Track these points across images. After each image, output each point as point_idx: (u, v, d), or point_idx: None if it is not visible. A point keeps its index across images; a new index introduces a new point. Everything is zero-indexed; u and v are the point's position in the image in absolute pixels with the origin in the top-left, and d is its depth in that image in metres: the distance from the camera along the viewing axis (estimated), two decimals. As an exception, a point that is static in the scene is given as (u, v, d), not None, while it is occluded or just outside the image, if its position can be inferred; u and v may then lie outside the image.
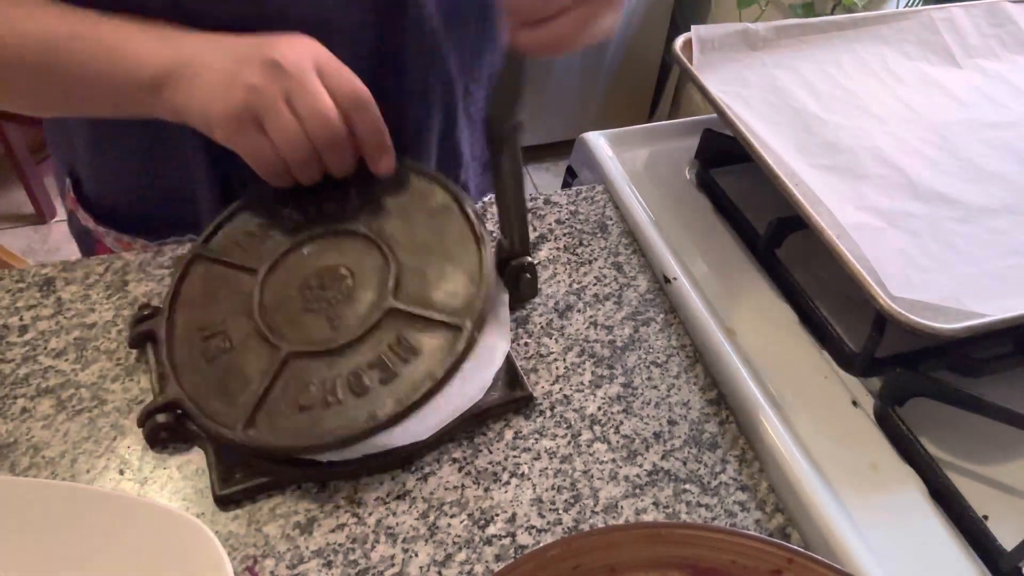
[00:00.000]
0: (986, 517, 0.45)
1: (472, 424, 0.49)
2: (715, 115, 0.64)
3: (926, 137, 0.64)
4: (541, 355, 0.54)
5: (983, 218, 0.58)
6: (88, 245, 0.71)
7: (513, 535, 0.45)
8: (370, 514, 0.45)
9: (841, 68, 0.69)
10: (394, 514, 0.45)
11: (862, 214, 0.56)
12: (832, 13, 1.40)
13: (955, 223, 0.57)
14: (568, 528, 0.45)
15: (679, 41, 0.67)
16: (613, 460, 0.48)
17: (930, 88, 0.70)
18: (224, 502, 0.44)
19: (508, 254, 0.54)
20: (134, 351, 0.51)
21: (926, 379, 0.49)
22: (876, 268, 0.51)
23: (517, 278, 0.54)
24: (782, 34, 0.71)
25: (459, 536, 0.44)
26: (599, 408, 0.51)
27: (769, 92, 0.65)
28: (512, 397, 0.50)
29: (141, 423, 0.46)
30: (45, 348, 0.52)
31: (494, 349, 0.51)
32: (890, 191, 0.59)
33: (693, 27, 0.67)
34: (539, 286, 0.58)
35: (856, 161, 0.61)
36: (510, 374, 0.51)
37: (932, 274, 0.53)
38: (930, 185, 0.60)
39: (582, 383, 0.52)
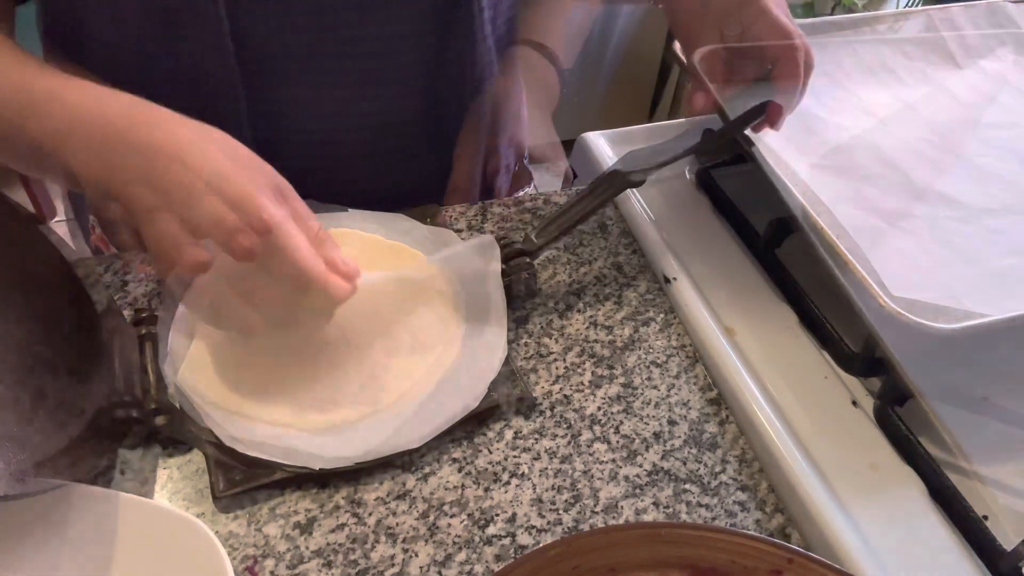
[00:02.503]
0: (986, 517, 0.45)
1: (472, 425, 0.49)
2: (715, 115, 0.64)
3: (926, 137, 0.64)
4: (541, 355, 0.54)
5: (983, 218, 0.58)
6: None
7: (513, 535, 0.45)
8: (370, 514, 0.45)
9: (841, 68, 0.69)
10: (394, 514, 0.45)
11: (862, 214, 0.56)
12: (832, 13, 1.40)
13: (955, 223, 0.57)
14: (568, 528, 0.45)
15: (698, 55, 0.67)
16: (613, 460, 0.48)
17: (930, 88, 0.70)
18: (224, 503, 0.44)
19: (511, 252, 0.54)
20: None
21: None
22: (876, 268, 0.51)
23: (516, 277, 0.54)
24: None
25: (459, 536, 0.44)
26: (599, 408, 0.51)
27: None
28: (512, 399, 0.49)
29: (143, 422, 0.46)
30: (45, 348, 0.52)
31: (491, 357, 0.51)
32: (890, 191, 0.59)
33: None
34: (539, 286, 0.58)
35: (856, 161, 0.61)
36: (510, 376, 0.51)
37: (932, 274, 0.53)
38: (930, 185, 0.60)
39: (582, 383, 0.52)
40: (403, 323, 0.53)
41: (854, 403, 0.51)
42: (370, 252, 0.57)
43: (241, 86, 0.55)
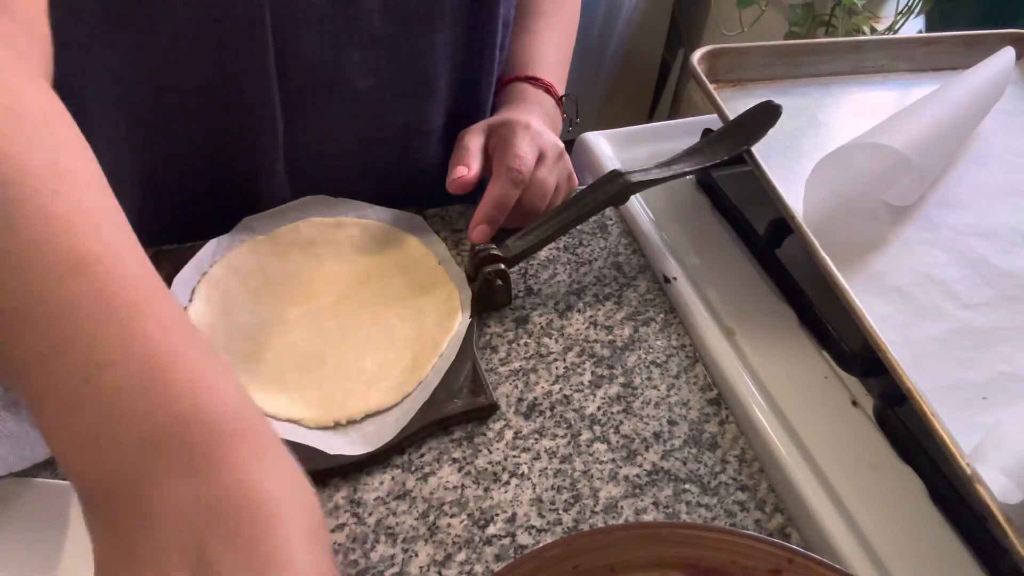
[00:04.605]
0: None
1: (434, 429, 0.49)
2: (715, 115, 0.64)
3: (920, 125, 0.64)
4: (541, 355, 0.54)
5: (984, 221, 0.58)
6: None
7: (513, 535, 0.45)
8: (370, 514, 0.45)
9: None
10: (394, 514, 0.45)
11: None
12: (832, 13, 1.40)
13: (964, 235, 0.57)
14: (568, 528, 0.45)
15: (697, 54, 0.67)
16: (613, 460, 0.48)
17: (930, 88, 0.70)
18: None
19: (486, 258, 0.54)
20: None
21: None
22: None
23: (490, 285, 0.54)
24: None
25: (459, 536, 0.44)
26: (599, 408, 0.51)
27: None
28: (475, 405, 0.49)
29: None
30: (45, 348, 0.51)
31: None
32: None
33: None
34: (538, 286, 0.58)
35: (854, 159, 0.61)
36: (475, 382, 0.50)
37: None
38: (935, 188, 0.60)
39: (582, 383, 0.52)
40: (409, 321, 0.53)
41: (854, 403, 0.51)
42: (379, 242, 0.57)
43: (280, 108, 0.55)
